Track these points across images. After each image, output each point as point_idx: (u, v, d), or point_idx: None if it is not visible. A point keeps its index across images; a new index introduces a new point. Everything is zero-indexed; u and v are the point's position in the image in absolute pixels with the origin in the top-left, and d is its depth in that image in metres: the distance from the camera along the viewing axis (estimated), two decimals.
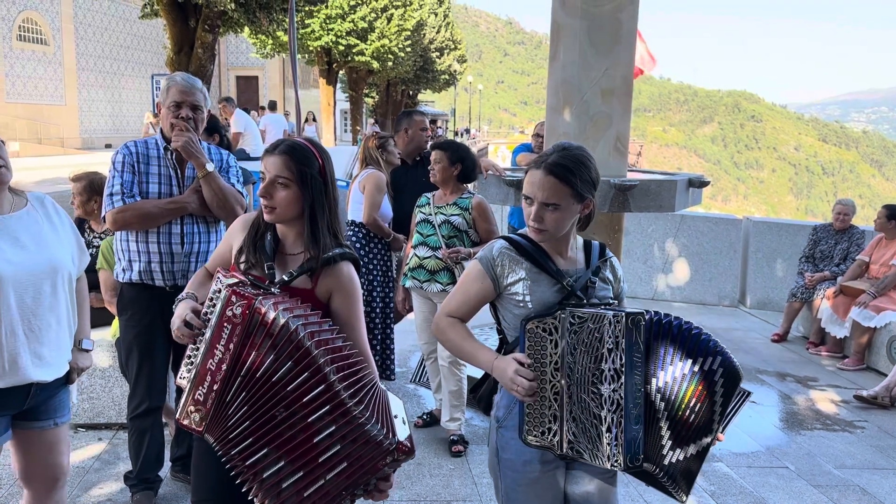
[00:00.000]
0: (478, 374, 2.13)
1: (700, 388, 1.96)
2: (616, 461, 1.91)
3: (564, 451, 1.96)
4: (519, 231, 2.24)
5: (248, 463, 1.85)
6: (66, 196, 4.51)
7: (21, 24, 26.46)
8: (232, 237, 2.23)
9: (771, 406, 5.25)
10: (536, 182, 2.10)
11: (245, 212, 3.22)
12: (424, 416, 4.56)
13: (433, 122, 50.56)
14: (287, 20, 16.08)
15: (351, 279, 2.13)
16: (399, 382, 5.26)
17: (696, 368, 1.96)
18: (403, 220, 4.82)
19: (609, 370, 1.89)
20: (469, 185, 4.38)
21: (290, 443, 1.83)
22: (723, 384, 1.97)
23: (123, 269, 3.25)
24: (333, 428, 1.82)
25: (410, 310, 4.53)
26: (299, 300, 1.99)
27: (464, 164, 4.19)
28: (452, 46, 47.13)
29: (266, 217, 2.09)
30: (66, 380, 2.51)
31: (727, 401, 1.99)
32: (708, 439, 1.99)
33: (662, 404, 1.95)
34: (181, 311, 2.00)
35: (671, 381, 1.95)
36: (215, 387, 1.88)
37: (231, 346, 1.86)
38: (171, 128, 3.18)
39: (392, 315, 4.82)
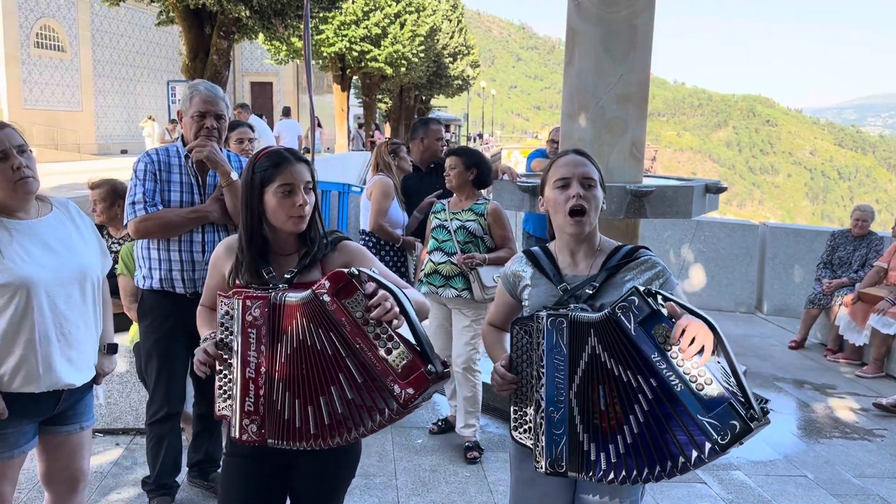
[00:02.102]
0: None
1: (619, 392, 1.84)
2: (537, 463, 1.93)
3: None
4: (544, 245, 2.24)
5: (312, 430, 1.91)
6: (83, 201, 4.55)
7: (38, 31, 26.76)
8: (221, 264, 2.22)
9: (789, 414, 5.21)
10: (570, 161, 2.13)
11: None
12: (439, 423, 4.56)
13: (446, 127, 50.63)
14: (301, 26, 16.18)
15: (359, 247, 2.22)
16: None
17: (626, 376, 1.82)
18: (418, 227, 4.83)
19: (536, 371, 1.94)
20: (484, 191, 4.39)
21: (317, 384, 1.90)
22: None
23: (144, 277, 3.28)
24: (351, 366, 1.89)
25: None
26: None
27: (479, 170, 4.21)
28: (465, 52, 47.20)
29: (299, 226, 2.10)
30: (93, 383, 2.55)
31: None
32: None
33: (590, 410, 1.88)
34: (204, 345, 2.03)
35: (608, 379, 1.86)
36: (261, 391, 1.94)
37: (262, 347, 1.94)
38: (195, 137, 3.20)
39: None
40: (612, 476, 1.86)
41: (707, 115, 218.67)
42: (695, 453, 1.75)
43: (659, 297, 1.83)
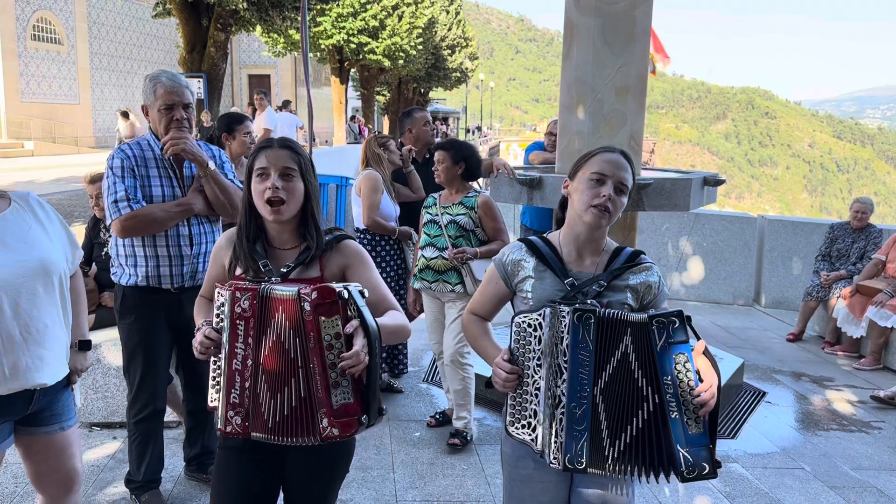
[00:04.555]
0: (488, 371, 2.13)
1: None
2: (555, 459, 1.92)
3: (540, 447, 1.96)
4: (545, 234, 2.22)
5: (299, 424, 1.92)
6: (80, 195, 4.54)
7: (35, 23, 26.67)
8: (220, 255, 2.22)
9: (786, 406, 5.21)
10: (614, 161, 2.09)
11: None
12: (437, 416, 4.55)
13: (444, 119, 50.54)
14: (299, 18, 16.14)
15: (359, 250, 2.20)
16: (412, 381, 5.26)
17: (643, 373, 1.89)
18: (416, 217, 4.81)
19: (558, 366, 1.92)
20: (475, 184, 4.35)
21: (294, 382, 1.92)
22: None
23: (129, 275, 3.19)
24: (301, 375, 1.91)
25: (422, 311, 4.51)
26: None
27: (467, 163, 4.15)
28: (464, 44, 47.11)
29: (275, 216, 2.07)
30: (67, 381, 2.45)
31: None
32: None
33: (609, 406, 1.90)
34: (203, 331, 2.02)
35: (626, 382, 1.90)
36: (247, 384, 1.94)
37: (250, 339, 1.93)
38: (167, 130, 3.12)
39: (405, 313, 4.81)
40: (613, 468, 1.90)
41: (706, 108, 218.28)
42: (660, 470, 1.90)
43: (693, 331, 1.91)
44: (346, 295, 1.88)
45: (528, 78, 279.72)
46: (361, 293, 1.94)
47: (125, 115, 18.21)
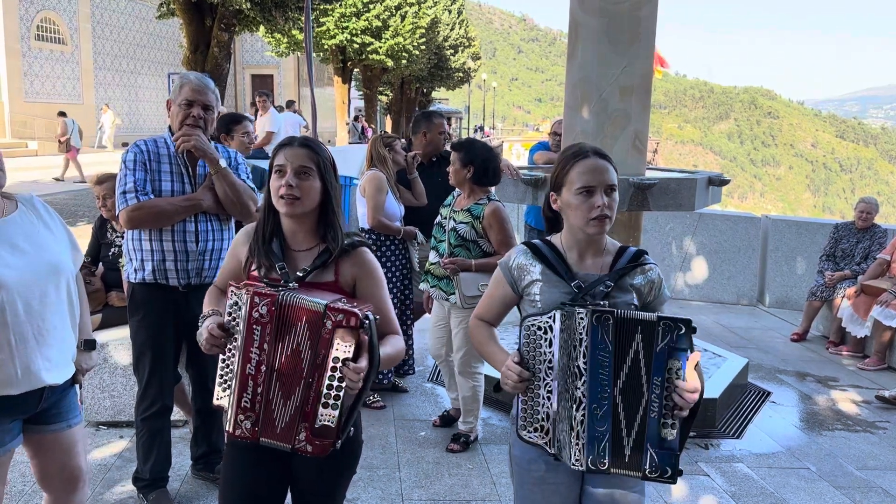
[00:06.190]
0: (496, 373, 2.14)
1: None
2: (577, 461, 1.93)
3: (555, 450, 1.97)
4: (545, 237, 2.22)
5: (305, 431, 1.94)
6: (83, 194, 4.55)
7: (39, 23, 26.71)
8: (238, 250, 2.23)
9: (791, 406, 5.21)
10: (597, 167, 2.07)
11: (257, 208, 3.22)
12: (442, 416, 4.55)
13: (447, 120, 50.48)
14: (302, 18, 16.15)
15: (373, 262, 2.18)
16: (417, 381, 5.27)
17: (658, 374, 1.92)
18: (419, 220, 4.81)
19: (577, 367, 1.93)
20: (493, 189, 4.25)
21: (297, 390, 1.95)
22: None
23: (136, 269, 3.23)
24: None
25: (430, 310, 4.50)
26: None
27: (475, 166, 3.95)
28: (466, 44, 47.10)
29: (288, 208, 2.08)
30: (73, 380, 2.47)
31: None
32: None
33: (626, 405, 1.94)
34: (207, 324, 2.03)
35: (636, 381, 1.93)
36: (259, 389, 1.95)
37: (265, 345, 1.94)
38: (181, 126, 3.17)
39: (410, 314, 4.82)
40: (630, 466, 1.93)
41: (708, 108, 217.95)
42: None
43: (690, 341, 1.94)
44: (366, 324, 1.91)
45: (530, 78, 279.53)
46: (374, 317, 1.97)
47: (62, 113, 18.41)
